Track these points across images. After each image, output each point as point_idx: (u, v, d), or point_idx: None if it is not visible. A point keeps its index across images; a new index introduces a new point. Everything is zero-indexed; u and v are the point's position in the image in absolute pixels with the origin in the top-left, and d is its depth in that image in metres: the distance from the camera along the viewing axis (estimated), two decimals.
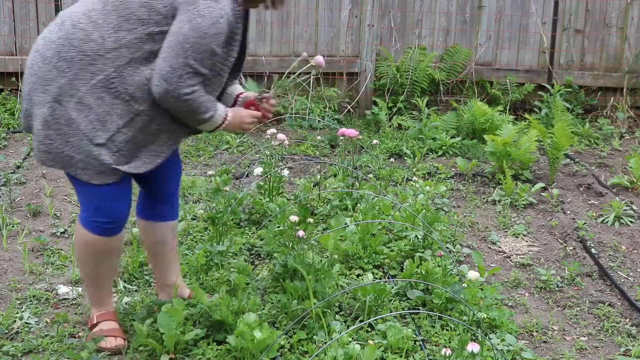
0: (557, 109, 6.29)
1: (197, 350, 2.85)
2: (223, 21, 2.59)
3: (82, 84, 2.59)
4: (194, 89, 2.61)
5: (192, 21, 2.54)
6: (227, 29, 2.62)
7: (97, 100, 2.59)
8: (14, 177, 4.78)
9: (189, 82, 2.59)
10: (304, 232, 3.29)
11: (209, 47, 2.58)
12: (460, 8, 6.91)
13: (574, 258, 4.08)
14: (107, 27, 2.58)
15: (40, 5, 6.38)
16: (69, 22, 2.62)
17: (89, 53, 2.58)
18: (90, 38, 2.58)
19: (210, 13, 2.56)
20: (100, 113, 2.60)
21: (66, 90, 2.59)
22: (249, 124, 2.88)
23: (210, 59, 2.62)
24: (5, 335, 2.98)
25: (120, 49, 2.58)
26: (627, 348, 3.16)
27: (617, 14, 6.97)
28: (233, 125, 2.83)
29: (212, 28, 2.56)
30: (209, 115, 2.71)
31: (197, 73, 2.60)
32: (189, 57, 2.56)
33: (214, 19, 2.56)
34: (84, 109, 2.59)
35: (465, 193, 5.08)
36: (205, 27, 2.55)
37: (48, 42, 2.64)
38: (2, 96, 6.28)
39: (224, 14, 2.59)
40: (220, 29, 2.59)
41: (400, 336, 2.96)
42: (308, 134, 6.13)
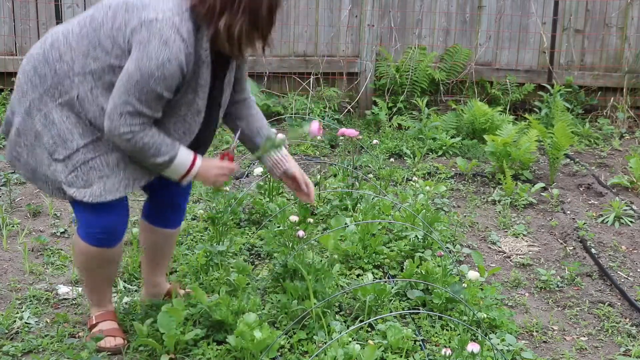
0: (557, 109, 6.30)
1: (197, 350, 2.85)
2: (171, 66, 2.50)
3: (50, 100, 2.65)
4: (134, 129, 2.55)
5: (139, 61, 2.50)
6: (179, 74, 2.54)
7: (61, 117, 2.65)
8: (14, 177, 4.78)
9: (130, 121, 2.54)
10: (304, 232, 3.29)
11: (153, 90, 2.52)
12: (460, 8, 6.91)
13: (574, 258, 4.08)
14: (78, 52, 2.63)
15: (40, 5, 6.38)
16: (50, 40, 2.70)
17: (59, 73, 2.64)
18: (62, 59, 2.64)
19: (158, 56, 2.49)
20: (63, 130, 2.64)
21: (36, 104, 2.68)
22: (220, 177, 2.75)
23: (157, 102, 2.55)
24: (5, 335, 2.98)
25: (86, 75, 2.61)
26: (627, 348, 3.16)
27: (617, 14, 6.97)
28: (202, 177, 2.72)
29: (158, 71, 2.50)
30: (161, 160, 2.61)
31: (140, 113, 2.54)
32: (130, 96, 2.52)
33: (160, 62, 2.49)
34: (48, 124, 2.65)
35: (465, 193, 5.08)
36: (150, 69, 2.49)
37: (30, 55, 2.75)
38: (2, 96, 6.28)
39: (174, 58, 2.50)
40: (166, 73, 2.51)
41: (400, 336, 2.96)
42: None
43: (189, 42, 2.54)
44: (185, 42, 2.52)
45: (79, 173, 2.64)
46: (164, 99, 2.57)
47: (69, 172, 2.64)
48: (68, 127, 2.64)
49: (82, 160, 2.63)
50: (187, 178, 2.70)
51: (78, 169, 2.64)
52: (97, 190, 2.64)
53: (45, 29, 6.39)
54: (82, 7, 6.41)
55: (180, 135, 2.70)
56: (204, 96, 2.69)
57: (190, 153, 2.68)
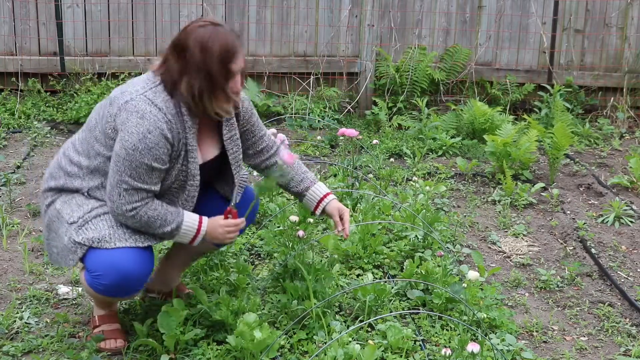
0: (557, 109, 6.29)
1: (197, 350, 2.85)
2: (153, 136, 2.59)
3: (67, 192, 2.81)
4: (136, 205, 2.66)
5: (122, 140, 2.62)
6: (164, 143, 2.62)
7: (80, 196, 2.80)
8: (14, 177, 4.78)
9: (129, 198, 2.65)
10: (304, 232, 3.29)
11: (141, 162, 2.60)
12: (460, 8, 6.91)
13: (574, 258, 4.08)
14: (83, 154, 2.78)
15: (40, 5, 6.38)
16: (62, 150, 2.88)
17: (72, 174, 2.79)
18: (72, 162, 2.80)
19: (138, 129, 2.59)
20: (81, 199, 2.78)
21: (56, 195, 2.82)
22: (228, 234, 2.83)
23: (149, 174, 2.64)
24: (5, 335, 2.98)
25: (93, 172, 2.76)
26: (627, 348, 3.16)
27: (617, 14, 6.97)
28: (211, 237, 2.82)
29: (141, 143, 2.59)
30: (169, 228, 2.71)
31: (136, 189, 2.64)
32: (123, 174, 2.63)
33: (141, 135, 2.59)
34: (68, 199, 2.78)
35: (465, 193, 5.08)
36: (133, 144, 2.60)
37: (48, 167, 2.92)
38: (2, 96, 6.28)
39: (153, 128, 2.60)
40: (150, 144, 2.60)
41: (400, 336, 2.96)
42: (308, 134, 6.13)
43: (167, 110, 2.64)
44: (163, 111, 2.63)
45: (89, 225, 2.71)
46: (156, 171, 2.65)
47: (79, 226, 2.71)
48: (87, 198, 2.77)
49: (94, 215, 2.73)
50: (196, 240, 2.80)
51: (89, 222, 2.72)
52: (107, 235, 2.69)
53: (45, 29, 6.39)
54: (82, 7, 6.40)
55: (184, 201, 2.80)
56: (195, 160, 2.75)
57: (195, 217, 2.78)
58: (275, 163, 3.04)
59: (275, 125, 6.24)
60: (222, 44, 2.63)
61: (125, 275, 2.67)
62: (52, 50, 6.42)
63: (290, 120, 6.39)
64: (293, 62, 6.76)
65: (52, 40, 6.40)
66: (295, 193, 3.08)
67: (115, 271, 2.66)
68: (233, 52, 2.64)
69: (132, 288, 2.74)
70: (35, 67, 6.34)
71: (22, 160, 5.26)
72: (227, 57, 2.63)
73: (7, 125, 5.98)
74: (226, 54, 2.62)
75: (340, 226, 3.04)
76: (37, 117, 6.10)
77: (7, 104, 6.23)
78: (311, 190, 3.05)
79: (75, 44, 6.44)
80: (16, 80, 6.28)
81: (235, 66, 2.66)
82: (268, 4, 6.69)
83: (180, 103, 2.66)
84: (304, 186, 3.05)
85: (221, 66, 2.62)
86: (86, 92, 6.21)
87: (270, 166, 3.06)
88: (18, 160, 5.26)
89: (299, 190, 3.06)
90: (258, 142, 3.03)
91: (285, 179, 3.00)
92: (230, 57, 2.64)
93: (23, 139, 5.77)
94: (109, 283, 2.67)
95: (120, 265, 2.66)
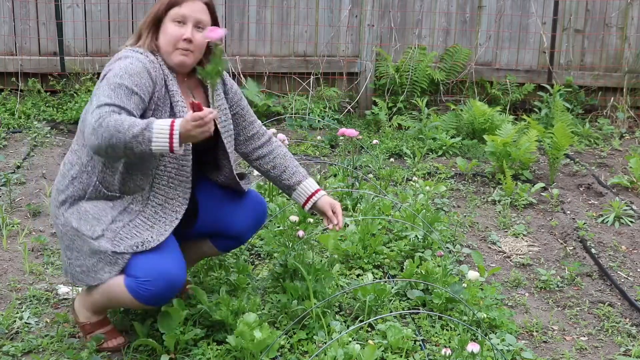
0: (557, 109, 6.30)
1: (197, 350, 2.85)
2: (134, 66, 2.61)
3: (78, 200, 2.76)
4: (102, 114, 2.47)
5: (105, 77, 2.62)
6: (146, 76, 2.63)
7: (92, 205, 2.74)
8: (14, 177, 4.78)
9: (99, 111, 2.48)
10: (304, 232, 3.29)
11: (121, 84, 2.55)
12: (460, 8, 6.91)
13: (574, 258, 4.08)
14: (80, 150, 2.77)
15: (40, 5, 6.38)
16: (62, 163, 2.87)
17: (75, 176, 2.77)
18: (72, 165, 2.79)
19: (120, 64, 2.63)
20: (96, 212, 2.73)
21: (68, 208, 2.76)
22: (200, 127, 2.47)
23: (128, 97, 2.54)
24: (5, 335, 2.98)
25: (94, 158, 2.73)
26: (627, 348, 3.16)
27: (617, 14, 6.97)
28: (187, 136, 2.49)
29: (121, 71, 2.59)
30: (139, 127, 2.44)
31: (108, 104, 2.50)
32: (101, 96, 2.53)
33: (122, 66, 2.61)
34: (82, 214, 2.72)
35: (465, 193, 5.08)
36: (114, 73, 2.59)
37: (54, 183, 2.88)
38: (2, 96, 6.28)
39: (136, 61, 2.64)
40: (131, 71, 2.59)
41: (400, 336, 2.96)
42: (308, 134, 6.13)
43: (149, 57, 2.70)
44: (145, 55, 2.69)
45: (122, 235, 2.68)
46: (136, 95, 2.57)
47: (110, 239, 2.67)
48: (100, 206, 2.73)
49: (122, 224, 2.70)
50: (174, 141, 2.47)
51: (120, 232, 2.68)
52: (148, 237, 2.67)
53: (45, 29, 6.39)
54: (82, 7, 6.41)
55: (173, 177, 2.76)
56: (183, 105, 2.73)
57: (166, 120, 2.51)
58: (268, 154, 3.03)
59: (275, 125, 6.25)
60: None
61: (171, 281, 2.63)
62: (52, 50, 6.42)
63: (290, 120, 6.39)
64: (293, 62, 6.76)
65: (52, 40, 6.40)
66: (287, 186, 3.04)
67: (163, 277, 2.61)
68: None
69: (172, 293, 2.70)
70: (35, 67, 6.35)
71: (22, 160, 5.26)
72: (172, 1, 2.75)
73: (7, 125, 5.98)
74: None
75: (334, 219, 3.00)
76: (37, 117, 6.10)
77: (7, 104, 6.23)
78: (303, 184, 3.02)
79: (75, 44, 6.44)
80: (16, 80, 6.28)
81: (179, 9, 2.73)
82: (268, 4, 6.69)
83: (157, 58, 2.73)
84: (296, 179, 3.03)
85: (164, 6, 2.75)
86: (86, 92, 6.20)
87: (263, 156, 3.04)
88: (18, 160, 5.25)
89: (290, 183, 3.03)
90: (249, 127, 3.02)
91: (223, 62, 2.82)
92: (176, 1, 2.74)
93: (23, 139, 5.76)
94: (156, 289, 2.62)
95: (168, 270, 2.63)
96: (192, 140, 2.52)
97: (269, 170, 3.05)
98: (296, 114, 6.47)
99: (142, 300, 2.64)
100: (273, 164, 3.04)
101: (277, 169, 3.04)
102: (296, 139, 6.01)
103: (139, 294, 2.63)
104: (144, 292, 2.62)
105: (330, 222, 3.01)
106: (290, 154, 3.09)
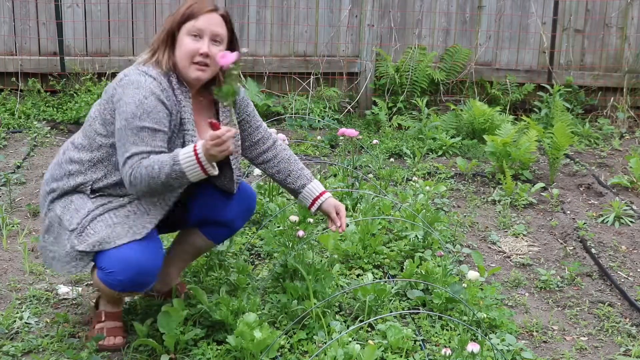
0: (557, 109, 6.30)
1: (197, 350, 2.85)
2: (149, 101, 2.64)
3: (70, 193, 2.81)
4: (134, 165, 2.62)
5: (121, 113, 2.66)
6: (162, 107, 2.66)
7: (79, 196, 2.80)
8: (14, 177, 4.78)
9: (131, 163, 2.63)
10: (304, 232, 3.29)
11: (143, 127, 2.62)
12: (460, 8, 6.91)
13: (574, 258, 4.08)
14: (84, 149, 2.80)
15: (40, 5, 6.38)
16: (62, 150, 2.90)
17: (73, 172, 2.80)
18: (72, 161, 2.82)
19: (134, 99, 2.64)
20: (79, 203, 2.79)
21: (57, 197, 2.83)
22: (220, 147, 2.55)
23: (152, 136, 2.63)
24: (5, 335, 2.98)
25: (97, 165, 2.78)
26: (627, 348, 3.16)
27: (617, 14, 6.97)
28: (209, 156, 2.58)
29: (138, 110, 2.63)
30: (169, 167, 2.58)
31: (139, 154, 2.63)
32: (127, 144, 2.64)
33: (137, 102, 2.63)
34: (67, 204, 2.78)
35: (465, 193, 5.08)
36: (132, 111, 2.63)
37: (49, 167, 2.93)
38: (2, 96, 6.28)
39: (149, 94, 2.65)
40: (148, 108, 2.63)
41: (400, 336, 2.96)
42: (308, 134, 6.13)
43: (160, 79, 2.70)
44: (157, 80, 2.69)
45: (88, 230, 2.72)
46: (160, 132, 2.65)
47: (79, 233, 2.72)
48: (84, 199, 2.77)
49: (91, 218, 2.73)
50: (204, 165, 2.58)
51: (87, 227, 2.72)
52: (105, 237, 2.69)
53: (45, 29, 6.39)
54: (82, 7, 6.41)
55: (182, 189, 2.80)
56: (190, 133, 2.75)
57: (188, 147, 2.63)
58: (273, 158, 3.06)
59: (275, 125, 6.24)
60: (188, 5, 2.74)
61: (138, 269, 2.67)
62: (52, 50, 6.42)
63: (290, 120, 6.40)
64: (293, 62, 6.76)
65: (52, 40, 6.40)
66: (292, 189, 3.08)
67: (128, 266, 2.66)
68: (193, 9, 2.72)
69: (146, 281, 2.74)
70: (35, 67, 6.35)
71: (22, 160, 5.26)
72: (186, 13, 2.73)
73: (7, 125, 5.98)
74: (185, 11, 2.73)
75: (338, 222, 3.04)
76: (37, 117, 6.11)
77: (7, 104, 6.23)
78: (308, 187, 3.05)
79: (75, 44, 6.44)
80: (16, 80, 6.28)
81: (195, 23, 2.72)
82: (268, 4, 6.69)
83: (170, 77, 2.72)
84: (301, 183, 3.06)
85: (177, 20, 2.73)
86: (86, 92, 6.21)
87: (268, 161, 3.07)
88: (18, 160, 5.26)
89: (296, 187, 3.06)
90: (254, 133, 3.04)
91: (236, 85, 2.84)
92: (191, 14, 2.72)
93: (23, 139, 5.77)
94: (125, 278, 2.68)
95: (131, 259, 2.66)
96: (214, 159, 2.61)
97: (274, 174, 3.08)
98: (296, 114, 6.47)
99: (116, 288, 2.72)
100: (277, 168, 3.06)
101: (281, 173, 3.06)
102: (296, 139, 6.01)
103: (111, 284, 2.71)
104: (114, 281, 2.69)
105: (333, 224, 3.04)
106: (294, 157, 3.11)
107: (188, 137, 2.75)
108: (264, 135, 3.07)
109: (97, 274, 2.74)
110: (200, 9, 2.74)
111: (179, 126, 2.74)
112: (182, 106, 2.74)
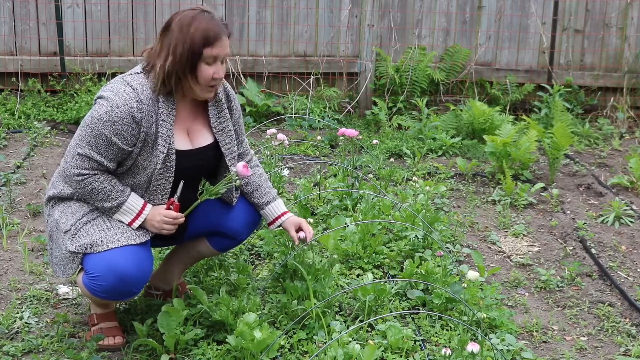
0: (556, 109, 6.29)
1: (197, 350, 2.85)
2: (119, 111, 2.64)
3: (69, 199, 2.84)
4: (84, 172, 2.68)
5: (91, 111, 2.70)
6: (130, 121, 2.65)
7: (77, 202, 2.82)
8: (14, 177, 4.78)
9: (80, 163, 2.69)
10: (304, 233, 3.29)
11: (102, 133, 2.65)
12: (460, 8, 6.91)
13: (574, 258, 4.08)
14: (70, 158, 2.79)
15: (40, 5, 6.38)
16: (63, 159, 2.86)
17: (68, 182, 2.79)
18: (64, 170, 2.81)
19: (107, 102, 2.65)
20: (76, 207, 2.81)
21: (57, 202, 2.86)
22: (165, 225, 2.78)
23: (107, 148, 2.66)
24: (5, 335, 2.98)
25: None
26: (627, 348, 3.16)
27: (617, 14, 6.97)
28: (148, 224, 2.78)
29: (106, 115, 2.64)
30: (110, 205, 2.72)
31: (90, 158, 2.67)
32: (82, 140, 2.68)
33: (108, 107, 2.64)
34: (65, 207, 2.81)
35: (465, 193, 5.08)
36: (99, 113, 2.65)
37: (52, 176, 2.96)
38: (2, 96, 6.28)
39: (122, 104, 2.64)
40: (115, 117, 2.64)
41: (400, 336, 2.96)
42: (308, 134, 6.13)
43: (142, 91, 2.68)
44: (136, 91, 2.67)
45: (81, 232, 2.73)
46: (114, 146, 2.67)
47: (72, 235, 2.73)
48: (81, 204, 2.80)
49: (85, 221, 2.75)
50: (135, 223, 2.76)
51: (81, 229, 2.74)
52: (98, 239, 2.70)
53: (45, 29, 6.39)
54: (82, 7, 6.41)
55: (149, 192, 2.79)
56: (163, 151, 2.73)
57: (140, 201, 2.76)
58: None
59: (275, 125, 6.24)
60: (199, 27, 2.68)
61: (122, 277, 2.66)
62: (52, 50, 6.42)
63: (290, 120, 6.40)
64: (293, 62, 6.76)
65: (52, 40, 6.40)
66: (257, 204, 3.10)
67: (113, 273, 2.65)
68: (209, 36, 2.68)
69: (129, 290, 2.73)
70: (35, 67, 6.35)
71: (22, 160, 5.26)
72: (202, 40, 2.68)
73: (7, 125, 5.98)
74: (201, 38, 2.68)
75: (296, 239, 3.06)
76: (37, 117, 6.10)
77: (7, 104, 6.23)
78: (271, 205, 3.09)
79: (76, 44, 6.44)
80: (16, 80, 6.28)
81: (212, 51, 2.69)
82: (268, 4, 6.69)
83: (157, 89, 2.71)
84: (265, 200, 3.09)
85: (194, 48, 2.67)
86: (86, 92, 6.21)
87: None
88: (18, 160, 5.26)
89: (260, 202, 3.09)
90: (238, 146, 3.06)
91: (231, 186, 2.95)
92: (207, 41, 2.68)
93: (23, 139, 5.77)
94: (107, 285, 2.67)
95: (118, 266, 2.65)
96: (151, 230, 2.78)
97: (243, 185, 3.08)
98: (296, 114, 6.47)
99: (98, 295, 2.73)
100: (247, 180, 3.08)
101: (250, 186, 3.09)
102: (296, 139, 6.01)
103: (93, 290, 2.72)
104: (96, 287, 2.70)
105: (297, 240, 3.08)
106: (265, 175, 3.16)
107: (157, 152, 2.73)
108: (245, 149, 3.12)
109: (82, 278, 2.76)
110: (217, 35, 2.70)
111: (154, 140, 2.72)
112: (160, 120, 2.72)
